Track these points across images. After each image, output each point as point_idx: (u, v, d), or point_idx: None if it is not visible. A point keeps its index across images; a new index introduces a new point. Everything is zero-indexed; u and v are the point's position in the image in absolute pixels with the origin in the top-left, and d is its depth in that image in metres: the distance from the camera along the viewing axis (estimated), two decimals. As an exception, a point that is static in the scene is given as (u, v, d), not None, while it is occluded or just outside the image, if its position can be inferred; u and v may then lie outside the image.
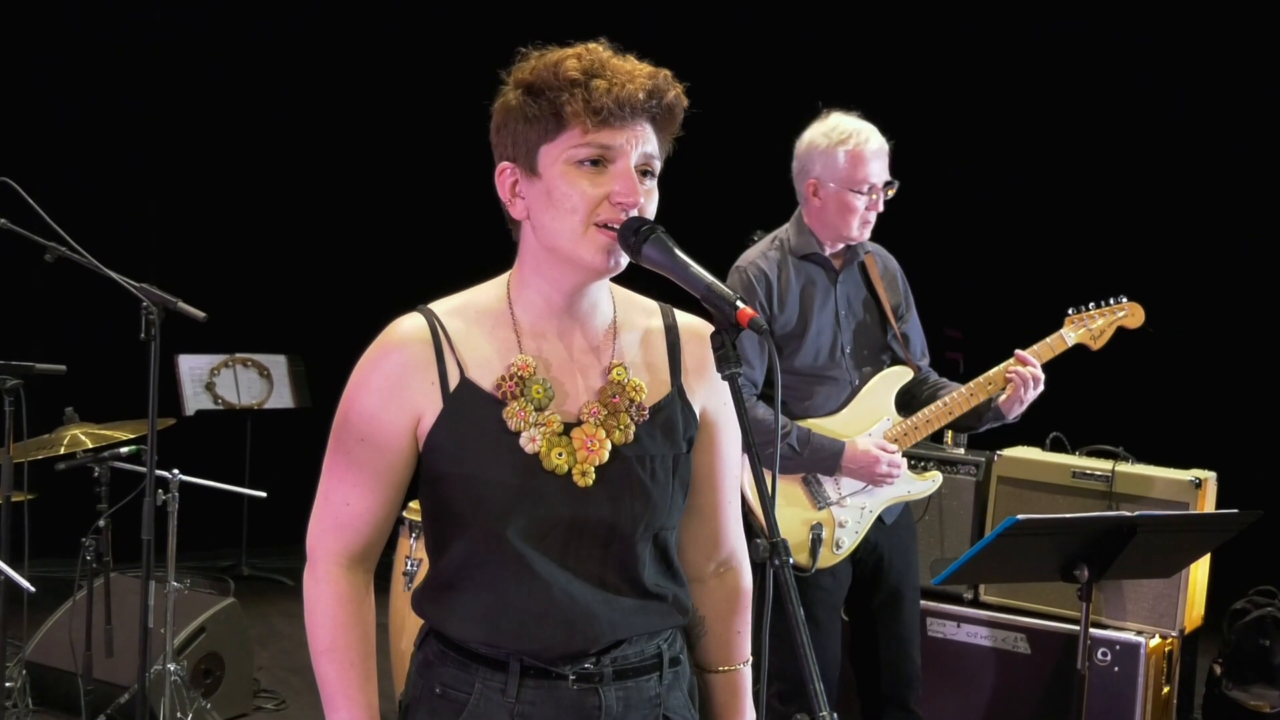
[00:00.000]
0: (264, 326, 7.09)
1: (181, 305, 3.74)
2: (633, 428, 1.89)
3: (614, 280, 1.93)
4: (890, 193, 3.64)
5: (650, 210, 1.85)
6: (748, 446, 1.74)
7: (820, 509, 3.69)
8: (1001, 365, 3.66)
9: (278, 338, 7.06)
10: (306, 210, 7.40)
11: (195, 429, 6.40)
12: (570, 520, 1.85)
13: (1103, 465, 4.45)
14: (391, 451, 1.88)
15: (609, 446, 1.87)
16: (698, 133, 1.94)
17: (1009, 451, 4.60)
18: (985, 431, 3.80)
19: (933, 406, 3.70)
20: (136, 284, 3.74)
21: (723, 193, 6.57)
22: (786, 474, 3.68)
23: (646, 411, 1.90)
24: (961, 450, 4.72)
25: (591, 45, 1.85)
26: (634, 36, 1.94)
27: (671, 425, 1.92)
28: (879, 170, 3.62)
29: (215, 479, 4.54)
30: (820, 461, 3.64)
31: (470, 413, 1.85)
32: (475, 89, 2.01)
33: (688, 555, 2.03)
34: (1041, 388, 3.62)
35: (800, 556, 3.66)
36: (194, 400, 6.69)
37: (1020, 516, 3.18)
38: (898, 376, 3.74)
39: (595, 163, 1.80)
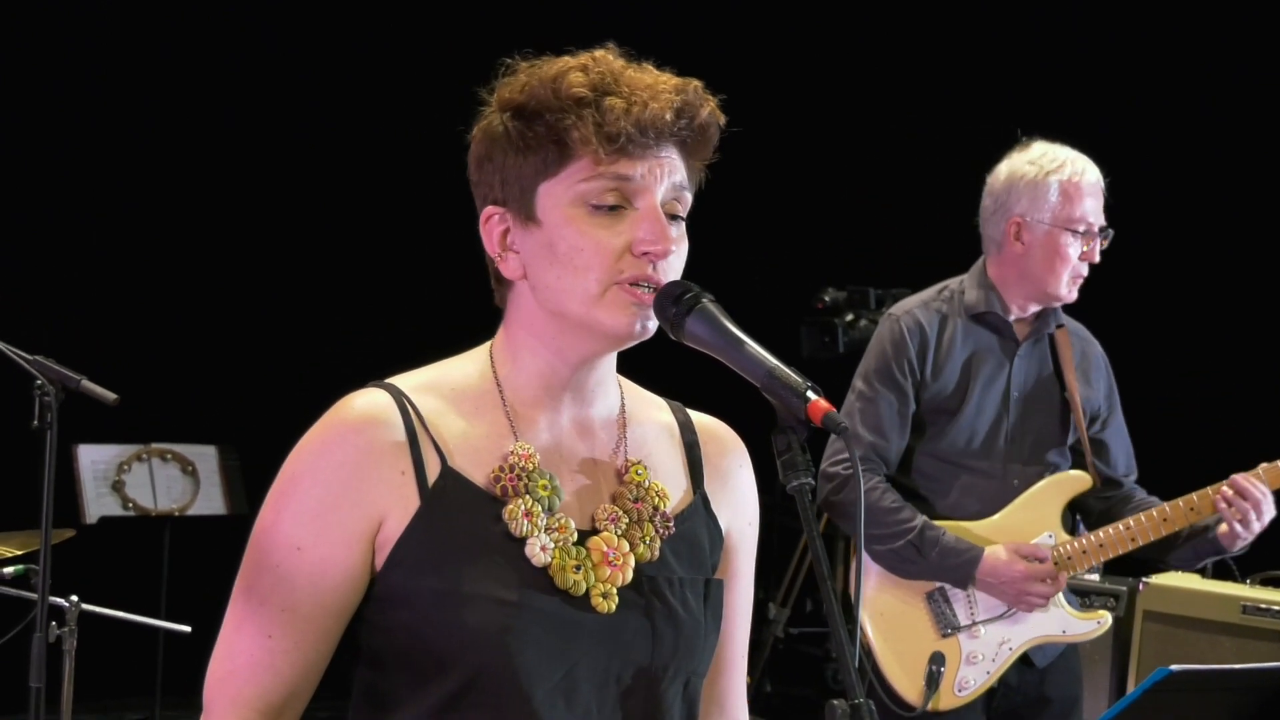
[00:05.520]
0: (188, 410, 7.12)
1: (86, 384, 3.75)
2: (658, 542, 1.89)
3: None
4: (1104, 243, 3.68)
5: (679, 264, 1.85)
6: (820, 568, 1.73)
7: (945, 635, 3.68)
8: (1211, 487, 3.65)
9: (205, 425, 7.07)
10: (240, 271, 7.46)
11: (99, 541, 6.38)
12: (587, 656, 1.82)
13: (1282, 598, 4.41)
14: (338, 568, 1.82)
15: (632, 563, 1.86)
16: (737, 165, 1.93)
17: (1158, 579, 4.55)
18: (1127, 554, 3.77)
19: (1112, 527, 3.70)
20: (28, 356, 3.75)
21: (786, 244, 6.60)
22: (906, 585, 3.68)
23: (672, 523, 1.91)
24: (1096, 577, 4.68)
25: (599, 53, 1.86)
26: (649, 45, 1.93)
27: (697, 542, 1.93)
28: (1096, 209, 3.67)
29: (124, 608, 4.54)
30: (950, 569, 3.64)
31: (456, 512, 1.83)
32: (431, 134, 2.00)
33: None
34: (1271, 514, 3.63)
35: (910, 694, 3.63)
36: (97, 504, 6.67)
37: (1175, 667, 3.14)
38: (1071, 484, 3.74)
39: (613, 208, 1.81)
